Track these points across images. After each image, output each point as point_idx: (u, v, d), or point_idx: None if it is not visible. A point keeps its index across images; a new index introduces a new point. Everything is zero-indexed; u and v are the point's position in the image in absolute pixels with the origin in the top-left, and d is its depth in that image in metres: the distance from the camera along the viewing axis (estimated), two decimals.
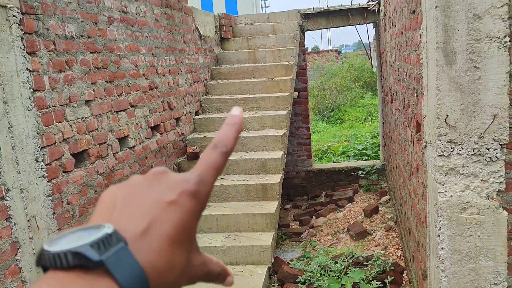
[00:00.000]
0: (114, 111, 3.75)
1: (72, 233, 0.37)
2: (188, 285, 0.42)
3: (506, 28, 2.06)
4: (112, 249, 0.35)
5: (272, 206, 4.55)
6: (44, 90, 2.89)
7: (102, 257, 0.34)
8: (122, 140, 3.89)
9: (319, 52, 27.80)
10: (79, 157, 3.30)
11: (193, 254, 0.42)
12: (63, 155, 3.07)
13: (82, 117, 3.30)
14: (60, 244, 0.35)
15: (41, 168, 2.82)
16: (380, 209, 6.03)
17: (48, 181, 2.89)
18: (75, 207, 3.17)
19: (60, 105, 3.05)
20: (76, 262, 0.34)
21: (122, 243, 0.36)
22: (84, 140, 3.31)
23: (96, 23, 3.54)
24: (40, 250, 0.36)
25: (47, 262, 0.35)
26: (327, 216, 6.28)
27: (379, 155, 8.37)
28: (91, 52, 3.45)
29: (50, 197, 2.90)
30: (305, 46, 7.98)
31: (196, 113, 5.78)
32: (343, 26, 7.52)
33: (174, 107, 5.03)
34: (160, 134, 4.67)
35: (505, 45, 2.06)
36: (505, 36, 2.06)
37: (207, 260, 0.45)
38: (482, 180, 2.21)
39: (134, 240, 0.37)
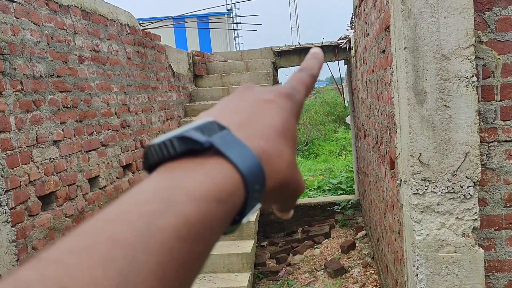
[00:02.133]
0: (84, 151, 3.65)
1: (172, 131, 0.33)
2: (289, 196, 0.39)
3: (473, 68, 2.10)
4: (218, 133, 0.33)
5: (248, 245, 4.45)
6: (9, 131, 2.79)
7: (209, 138, 0.32)
8: (92, 180, 3.77)
9: None
10: (46, 199, 3.17)
11: (295, 156, 0.39)
12: (29, 198, 2.94)
13: (50, 158, 3.19)
14: (163, 137, 0.32)
15: (5, 213, 2.69)
16: (357, 244, 5.99)
17: (12, 226, 2.75)
18: (42, 252, 3.01)
19: (26, 146, 2.94)
20: (183, 147, 0.31)
21: (226, 129, 0.34)
22: (52, 182, 3.19)
23: (66, 62, 3.48)
24: (145, 149, 0.33)
25: (154, 155, 0.32)
26: (304, 253, 6.20)
27: (354, 189, 8.39)
28: (60, 92, 3.37)
29: (14, 243, 2.76)
30: (279, 83, 8.08)
31: None
32: None
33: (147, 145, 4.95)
34: (133, 173, 4.56)
35: (473, 84, 2.11)
36: (472, 76, 2.10)
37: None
38: (457, 217, 2.20)
39: (239, 129, 0.35)
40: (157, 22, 6.79)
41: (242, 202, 0.32)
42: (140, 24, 5.47)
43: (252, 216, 0.35)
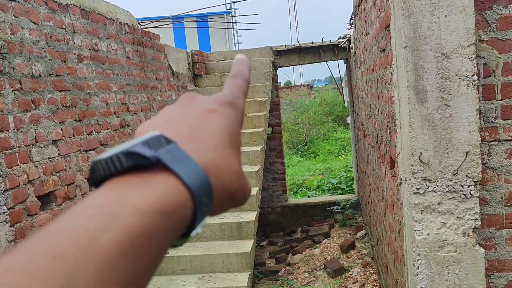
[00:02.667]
0: (83, 151, 3.63)
1: (118, 146, 0.33)
2: (236, 204, 0.39)
3: (474, 67, 2.10)
4: (164, 148, 0.33)
5: (247, 245, 4.44)
6: (8, 131, 2.78)
7: (156, 153, 0.32)
8: None
9: (292, 87, 28.27)
10: (45, 199, 3.15)
11: (241, 166, 0.39)
12: (27, 198, 2.92)
13: (49, 158, 3.18)
14: (109, 152, 0.32)
15: (3, 212, 2.67)
16: (356, 244, 5.98)
17: (10, 226, 2.74)
18: None
19: (25, 146, 2.93)
20: (130, 162, 0.31)
21: (173, 143, 0.34)
22: (51, 181, 3.18)
23: (65, 61, 3.47)
24: (91, 164, 0.33)
25: (101, 171, 0.32)
26: (304, 252, 6.19)
27: (353, 189, 8.39)
28: (59, 91, 3.36)
29: (13, 243, 2.74)
30: (278, 82, 8.07)
31: None
32: (315, 62, 7.66)
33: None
34: None
35: (473, 83, 2.10)
36: (473, 75, 2.10)
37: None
38: (458, 217, 2.20)
39: (185, 142, 0.35)
40: (156, 21, 6.77)
41: (190, 215, 0.32)
42: (139, 23, 5.46)
43: (200, 229, 0.34)
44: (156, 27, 6.30)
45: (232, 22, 21.44)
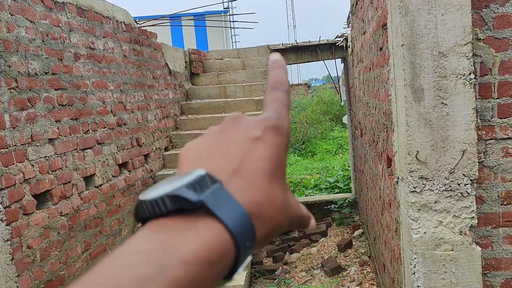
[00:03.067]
0: (79, 149, 3.62)
1: (165, 182, 0.34)
2: (287, 229, 0.40)
3: (471, 65, 2.10)
4: (209, 189, 0.33)
5: None
6: (4, 129, 2.77)
7: (200, 197, 0.32)
8: (88, 178, 3.75)
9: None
10: (41, 198, 3.14)
11: (288, 191, 0.40)
12: (23, 197, 2.91)
13: (45, 156, 3.17)
14: (155, 192, 0.33)
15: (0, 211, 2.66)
16: (353, 243, 5.98)
17: (6, 225, 2.73)
18: (36, 251, 2.99)
19: (21, 144, 2.92)
20: (175, 205, 0.32)
21: (217, 183, 0.34)
22: (47, 180, 3.17)
23: (61, 60, 3.46)
24: (137, 202, 0.34)
25: (146, 212, 0.33)
26: (301, 251, 6.19)
27: (350, 187, 8.39)
28: (55, 89, 3.35)
29: (9, 242, 2.74)
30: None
31: (166, 149, 5.68)
32: (312, 61, 7.66)
33: (143, 143, 4.93)
34: (128, 171, 4.54)
35: (470, 82, 2.10)
36: (470, 73, 2.10)
37: (297, 200, 0.43)
38: (454, 215, 2.20)
39: (229, 180, 0.35)
40: (154, 20, 6.76)
41: (233, 259, 0.33)
42: (136, 22, 5.45)
43: (242, 270, 0.35)
44: (153, 25, 6.29)
45: (230, 21, 21.41)
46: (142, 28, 5.32)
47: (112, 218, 4.10)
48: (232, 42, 28.13)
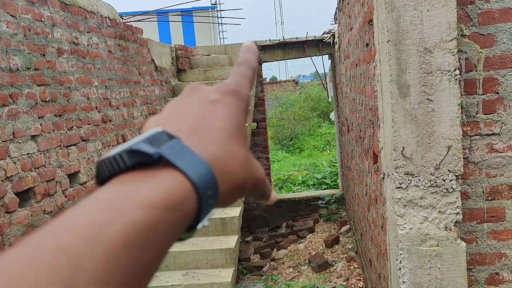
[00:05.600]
0: (63, 146, 3.57)
1: (121, 144, 0.34)
2: (251, 194, 0.41)
3: (456, 61, 2.10)
4: (166, 143, 0.33)
5: (231, 241, 4.42)
6: None
7: (158, 150, 0.32)
8: (72, 176, 3.70)
9: (277, 82, 28.23)
10: (24, 195, 3.09)
11: (250, 153, 0.39)
12: (5, 195, 2.86)
13: (28, 153, 3.11)
14: (113, 151, 0.33)
15: None
16: (340, 239, 6.01)
17: None
18: None
19: (2, 141, 2.86)
20: (133, 159, 0.32)
21: (175, 138, 0.34)
22: (30, 178, 3.11)
23: (44, 55, 3.39)
24: (96, 165, 0.33)
25: (105, 170, 0.32)
26: (288, 247, 6.19)
27: (338, 184, 8.42)
28: (38, 85, 3.29)
29: None
30: (263, 77, 8.04)
31: None
32: (299, 57, 7.65)
33: (129, 140, 4.87)
34: None
35: (455, 78, 2.10)
36: (455, 69, 2.10)
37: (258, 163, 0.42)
38: (439, 211, 2.21)
39: (187, 137, 0.35)
40: (139, 15, 6.69)
41: (195, 209, 0.33)
42: (121, 17, 5.38)
43: (207, 222, 0.34)
44: (139, 21, 6.22)
45: (217, 17, 21.32)
46: (128, 23, 5.25)
47: None
48: (220, 39, 28.02)
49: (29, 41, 3.24)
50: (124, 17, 5.67)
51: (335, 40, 6.60)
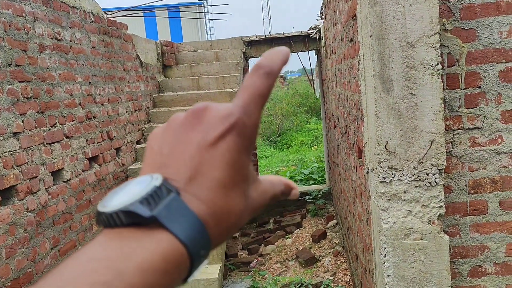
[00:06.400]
0: (46, 143, 3.52)
1: (123, 188, 0.35)
2: (252, 216, 0.41)
3: (438, 56, 2.11)
4: (163, 201, 0.34)
5: None
6: None
7: (153, 212, 0.33)
8: (56, 173, 3.65)
9: None
10: (6, 194, 3.04)
11: (251, 188, 0.39)
12: None
13: (10, 151, 3.06)
14: (112, 203, 0.34)
15: None
16: (327, 234, 6.03)
17: None
18: (1, 248, 2.90)
19: None
20: (129, 220, 0.33)
21: (173, 193, 0.34)
22: (12, 175, 3.06)
23: (25, 51, 3.34)
24: (96, 212, 0.35)
25: (103, 223, 0.34)
26: (276, 243, 6.21)
27: (325, 179, 8.45)
28: (19, 81, 3.23)
29: None
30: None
31: (138, 142, 5.58)
32: None
33: (114, 136, 4.83)
34: (99, 165, 4.45)
35: (438, 72, 2.11)
36: (437, 64, 2.11)
37: (267, 186, 0.42)
38: (423, 205, 2.22)
39: (185, 188, 0.35)
40: (124, 11, 6.62)
41: (188, 266, 0.34)
42: (106, 13, 5.32)
43: (198, 273, 0.36)
44: (123, 16, 6.15)
45: (204, 13, 21.22)
46: (112, 18, 5.19)
47: (82, 213, 4.01)
48: (207, 34, 27.89)
49: (10, 36, 3.18)
50: (108, 13, 5.61)
51: (321, 36, 6.61)
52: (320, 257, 5.37)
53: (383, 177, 2.22)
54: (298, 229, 6.61)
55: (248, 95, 0.38)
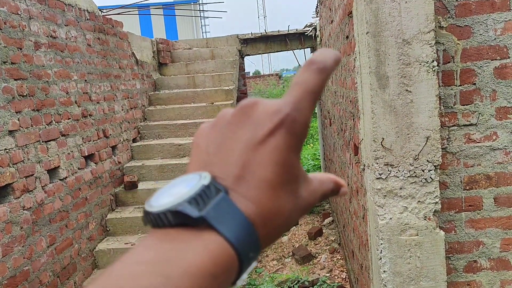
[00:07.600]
0: (42, 141, 3.51)
1: (170, 187, 0.34)
2: (302, 216, 0.39)
3: (434, 53, 2.12)
4: (212, 201, 0.33)
5: None
6: None
7: (202, 212, 0.32)
8: (52, 171, 3.65)
9: (260, 76, 28.21)
10: (3, 192, 3.04)
11: (301, 188, 0.38)
12: None
13: (5, 149, 3.05)
14: (159, 202, 0.33)
15: None
16: (324, 231, 6.05)
17: None
18: None
19: None
20: (177, 220, 0.32)
21: (222, 193, 0.33)
22: (8, 174, 3.06)
23: (21, 49, 3.33)
24: (143, 211, 0.34)
25: (151, 223, 0.33)
26: None
27: None
28: (15, 79, 3.22)
29: None
30: (246, 71, 8.03)
31: (134, 140, 5.58)
32: (282, 51, 7.65)
33: (110, 134, 4.82)
34: (95, 163, 4.44)
35: (433, 69, 2.13)
36: (433, 61, 2.12)
37: (316, 185, 0.40)
38: (419, 201, 2.24)
39: (233, 187, 0.34)
40: (119, 8, 6.60)
41: (237, 269, 0.33)
42: (101, 10, 5.30)
43: (246, 275, 0.35)
44: (119, 14, 6.14)
45: (200, 10, 21.18)
46: (107, 16, 5.18)
47: (78, 211, 4.00)
48: (202, 32, 27.84)
49: (5, 34, 3.17)
50: (103, 10, 5.60)
51: (316, 33, 6.61)
52: (317, 254, 5.39)
53: (379, 174, 2.23)
54: (294, 226, 6.63)
55: (299, 91, 0.37)
